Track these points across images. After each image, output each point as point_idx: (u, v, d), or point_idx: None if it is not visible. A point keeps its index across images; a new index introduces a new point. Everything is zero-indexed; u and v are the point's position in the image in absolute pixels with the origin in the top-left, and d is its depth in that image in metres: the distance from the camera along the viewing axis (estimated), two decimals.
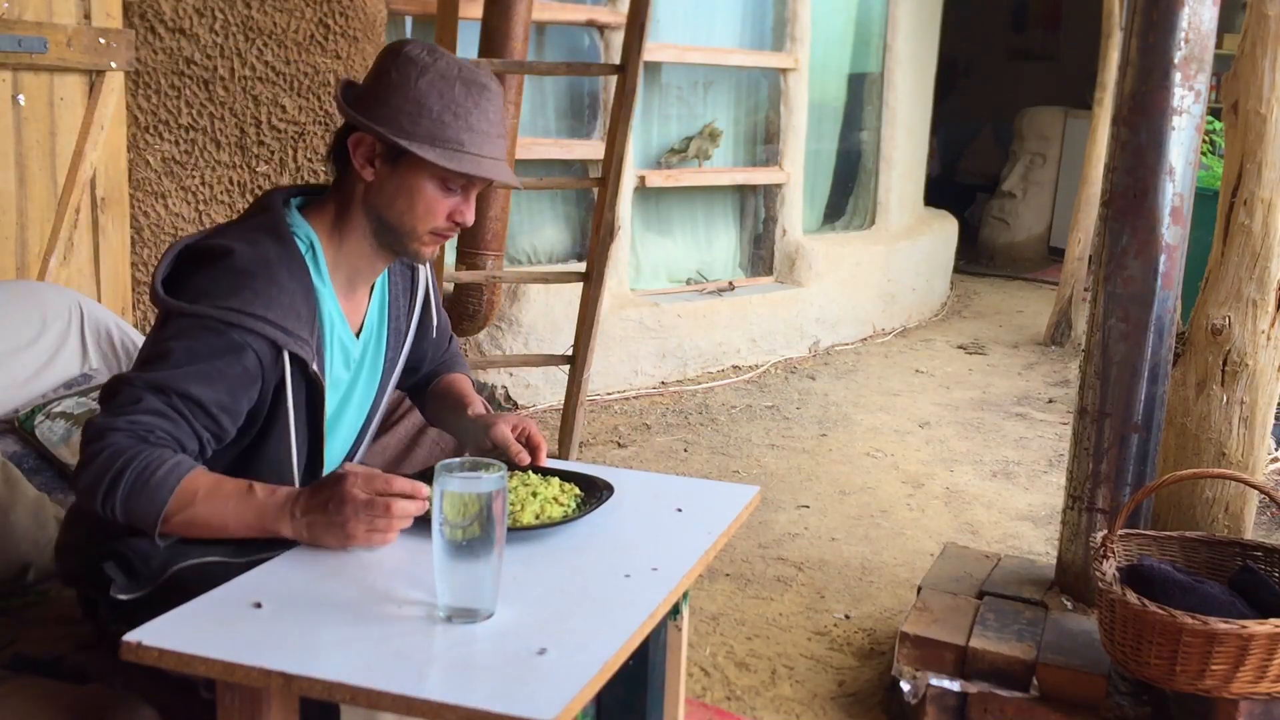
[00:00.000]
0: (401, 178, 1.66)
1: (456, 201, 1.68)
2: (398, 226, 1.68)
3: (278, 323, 1.57)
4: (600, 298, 3.91)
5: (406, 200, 1.66)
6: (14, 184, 3.02)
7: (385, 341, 1.84)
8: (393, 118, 1.63)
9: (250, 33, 3.60)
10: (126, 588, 1.57)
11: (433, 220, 1.68)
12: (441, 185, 1.66)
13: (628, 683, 1.79)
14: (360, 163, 1.67)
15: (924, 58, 6.80)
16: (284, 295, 1.59)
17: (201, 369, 1.53)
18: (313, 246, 1.70)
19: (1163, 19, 2.32)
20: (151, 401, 1.51)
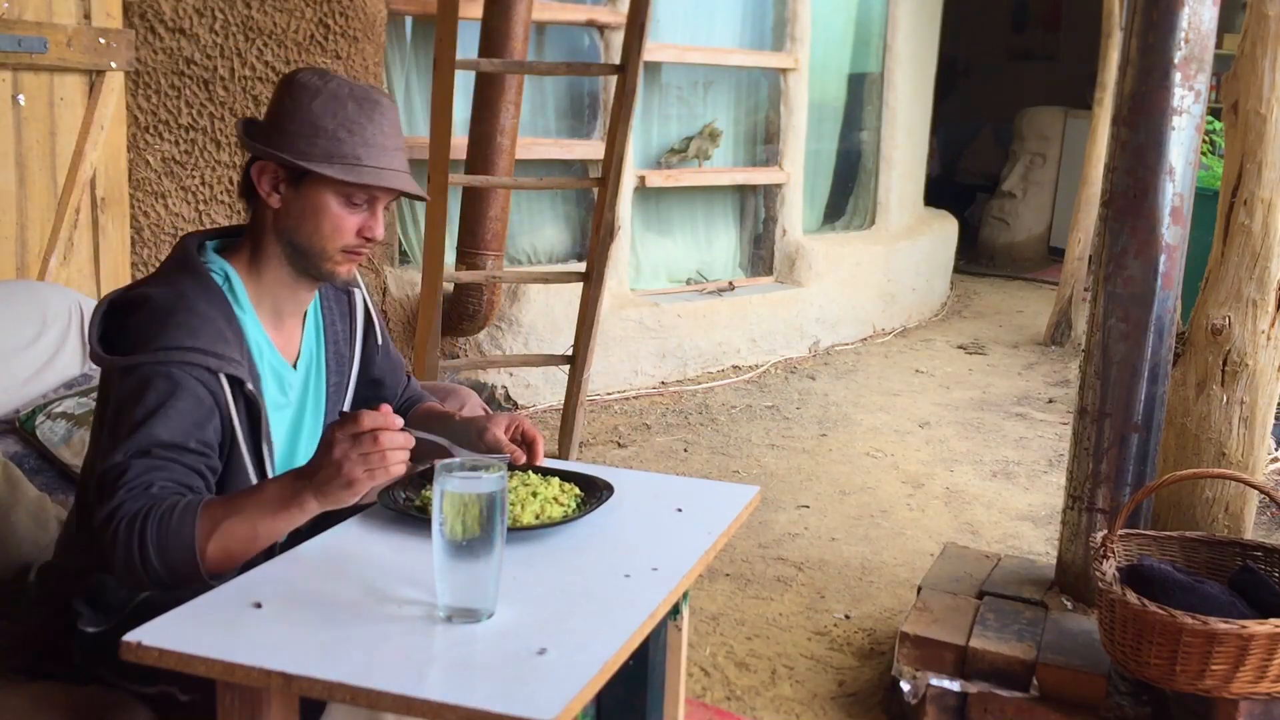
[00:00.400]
0: (305, 199, 1.67)
1: (363, 217, 1.69)
2: (309, 248, 1.69)
3: (206, 349, 1.58)
4: (600, 298, 3.91)
5: (313, 221, 1.67)
6: (14, 184, 3.02)
7: (326, 367, 1.85)
8: (290, 142, 1.65)
9: (250, 33, 3.60)
10: (94, 620, 1.60)
11: (341, 238, 1.68)
12: (345, 201, 1.67)
13: (628, 683, 1.79)
14: (266, 190, 1.68)
15: (924, 58, 6.80)
16: (206, 323, 1.61)
17: (163, 416, 1.54)
18: (228, 278, 1.70)
19: (1163, 19, 2.32)
20: (136, 465, 1.52)
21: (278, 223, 1.70)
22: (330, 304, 1.87)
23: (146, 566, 1.47)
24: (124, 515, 1.48)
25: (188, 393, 1.56)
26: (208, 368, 1.58)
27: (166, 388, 1.55)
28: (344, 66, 3.80)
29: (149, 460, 1.52)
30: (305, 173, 1.65)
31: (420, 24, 4.40)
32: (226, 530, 1.49)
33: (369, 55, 3.91)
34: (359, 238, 1.69)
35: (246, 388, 1.63)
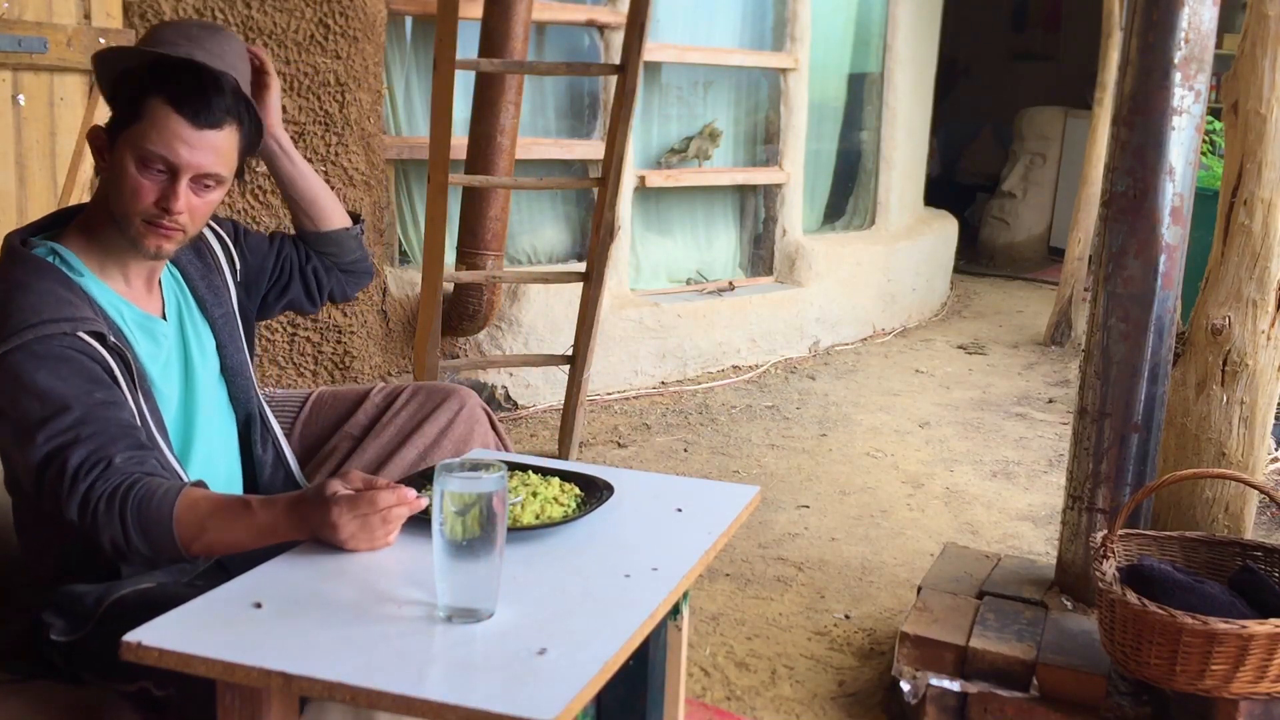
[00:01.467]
0: (114, 161, 1.65)
1: (163, 185, 1.64)
2: (116, 212, 1.66)
3: (53, 317, 1.56)
4: (600, 298, 3.91)
5: (117, 184, 1.64)
6: (14, 184, 3.02)
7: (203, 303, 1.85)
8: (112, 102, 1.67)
9: (250, 33, 3.60)
10: (65, 630, 1.60)
11: (139, 202, 1.63)
12: (140, 165, 1.62)
13: (628, 683, 1.79)
14: (95, 156, 1.69)
15: (924, 58, 6.80)
16: (43, 296, 1.58)
17: (57, 391, 1.52)
18: (55, 252, 1.68)
19: (1163, 19, 2.32)
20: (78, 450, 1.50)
21: (103, 188, 1.69)
22: (185, 263, 1.87)
23: (131, 546, 1.51)
24: (97, 499, 1.48)
25: (60, 360, 1.54)
26: (64, 332, 1.56)
27: (40, 365, 1.53)
28: (344, 66, 3.81)
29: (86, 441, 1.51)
30: (116, 137, 1.64)
31: (420, 24, 4.40)
32: (213, 539, 1.52)
33: (369, 55, 3.91)
34: (157, 208, 1.64)
35: (109, 340, 1.61)
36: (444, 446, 2.06)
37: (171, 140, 1.61)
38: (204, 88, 1.63)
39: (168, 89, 1.61)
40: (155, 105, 1.61)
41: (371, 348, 4.16)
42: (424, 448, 2.07)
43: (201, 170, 1.64)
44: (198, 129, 1.62)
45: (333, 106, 3.83)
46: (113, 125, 1.66)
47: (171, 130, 1.61)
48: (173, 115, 1.61)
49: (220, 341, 1.87)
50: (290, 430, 2.10)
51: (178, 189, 1.63)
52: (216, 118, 1.64)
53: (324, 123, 3.82)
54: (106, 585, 1.63)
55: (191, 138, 1.62)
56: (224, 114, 1.65)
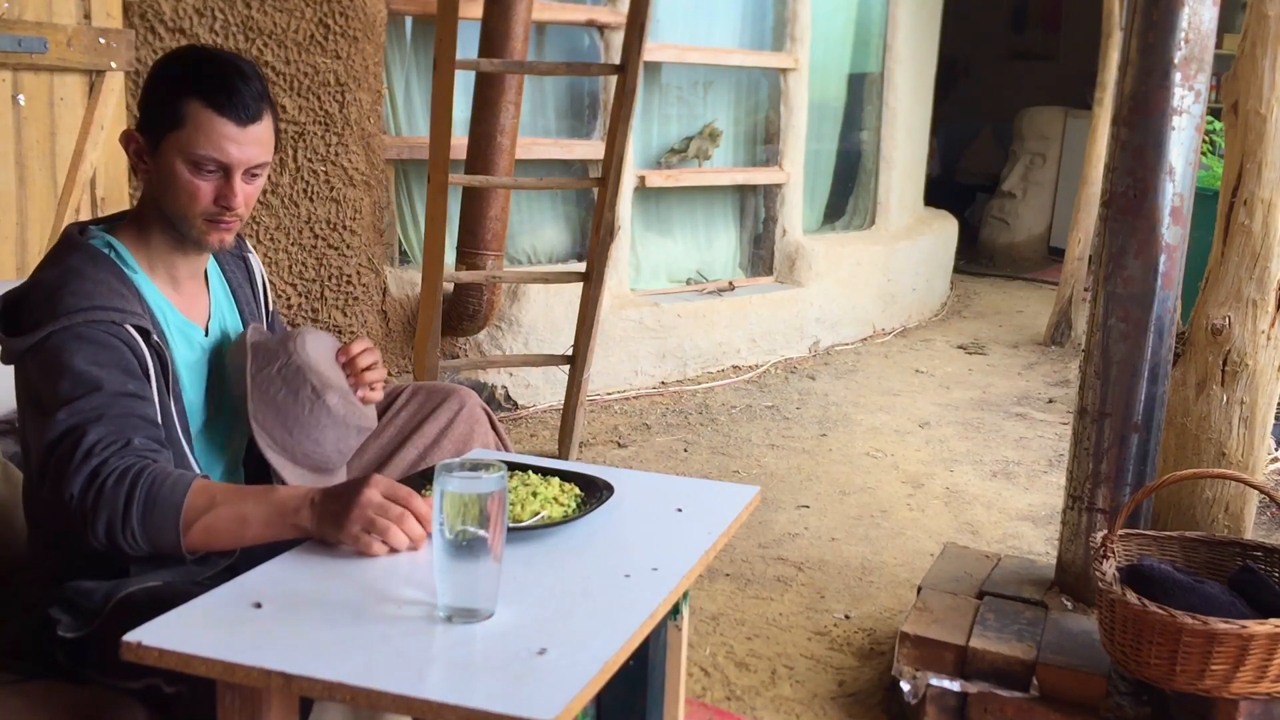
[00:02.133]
0: (160, 165, 1.68)
1: (218, 183, 1.67)
2: (173, 214, 1.69)
3: (105, 305, 1.60)
4: (600, 298, 3.91)
5: (171, 188, 1.68)
6: (14, 184, 3.02)
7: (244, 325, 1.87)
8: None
9: (250, 33, 3.60)
10: (73, 626, 1.61)
11: (198, 204, 1.67)
12: (194, 169, 1.66)
13: (628, 683, 1.79)
14: (133, 161, 1.71)
15: (924, 58, 6.80)
16: (99, 285, 1.62)
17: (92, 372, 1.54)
18: (111, 245, 1.71)
19: (1163, 19, 2.32)
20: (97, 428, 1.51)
21: (151, 191, 1.71)
22: (232, 269, 1.90)
23: (126, 526, 1.48)
24: (111, 471, 1.48)
25: (103, 346, 1.57)
26: (112, 320, 1.59)
27: (82, 347, 1.55)
28: (344, 66, 3.81)
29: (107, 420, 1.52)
30: (158, 142, 1.66)
31: (420, 24, 4.40)
32: (220, 514, 1.50)
33: (369, 55, 3.91)
34: (216, 205, 1.68)
35: (153, 338, 1.64)
36: (444, 446, 2.06)
37: (220, 141, 1.64)
38: (237, 85, 1.66)
39: (204, 91, 1.64)
40: (195, 109, 1.64)
41: None
42: (424, 448, 2.07)
43: (251, 163, 1.68)
44: (242, 126, 1.66)
45: (333, 106, 3.83)
46: (149, 129, 1.68)
47: (218, 132, 1.64)
48: (215, 117, 1.64)
49: None
50: None
51: (234, 185, 1.67)
52: (254, 110, 1.67)
53: (324, 123, 3.83)
54: (115, 583, 1.63)
55: (238, 135, 1.65)
56: (259, 104, 1.68)
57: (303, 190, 3.83)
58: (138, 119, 1.72)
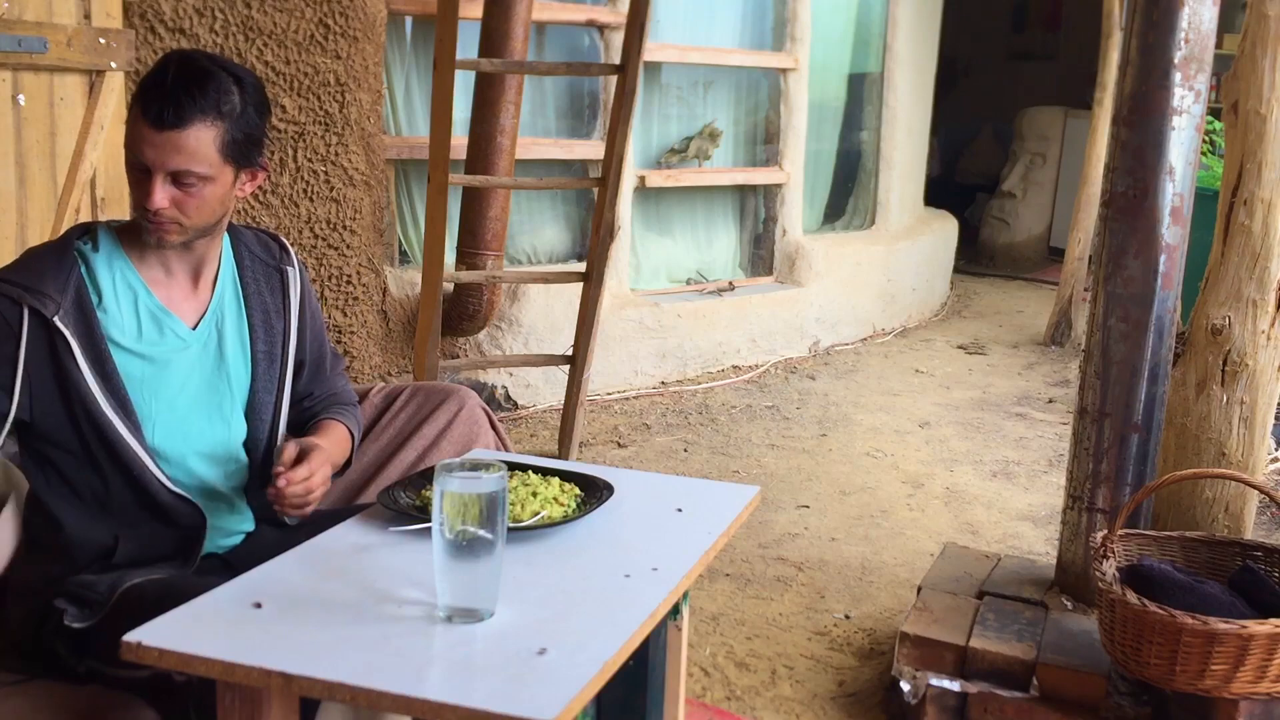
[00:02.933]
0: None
1: (144, 184, 1.69)
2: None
3: (15, 280, 1.64)
4: (600, 298, 3.91)
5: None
6: (14, 184, 3.02)
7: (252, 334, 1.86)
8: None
9: (250, 33, 3.60)
10: (80, 616, 1.63)
11: (135, 202, 1.71)
12: (129, 167, 1.69)
13: (628, 683, 1.79)
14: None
15: (924, 58, 6.80)
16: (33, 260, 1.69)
17: None
18: (91, 230, 1.76)
19: (1163, 19, 2.32)
20: None
21: None
22: (256, 276, 1.89)
23: None
24: None
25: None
26: (10, 297, 1.63)
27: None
28: (344, 66, 3.80)
29: None
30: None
31: (420, 24, 4.40)
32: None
33: (369, 55, 3.91)
34: (140, 208, 1.70)
35: (52, 322, 1.65)
36: (444, 447, 2.06)
37: (138, 142, 1.66)
38: (172, 91, 1.65)
39: (141, 91, 1.67)
40: (134, 112, 1.67)
41: (371, 348, 4.16)
42: (423, 448, 2.07)
43: (170, 168, 1.67)
44: (159, 130, 1.65)
45: (333, 106, 3.83)
46: None
47: (139, 133, 1.66)
48: (139, 118, 1.66)
49: (254, 376, 1.86)
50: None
51: (151, 187, 1.68)
52: (179, 116, 1.65)
53: (324, 123, 3.83)
54: (117, 574, 1.65)
55: (154, 138, 1.66)
56: (192, 112, 1.66)
57: (303, 190, 3.83)
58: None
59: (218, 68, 1.70)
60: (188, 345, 1.79)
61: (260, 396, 1.86)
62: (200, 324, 1.81)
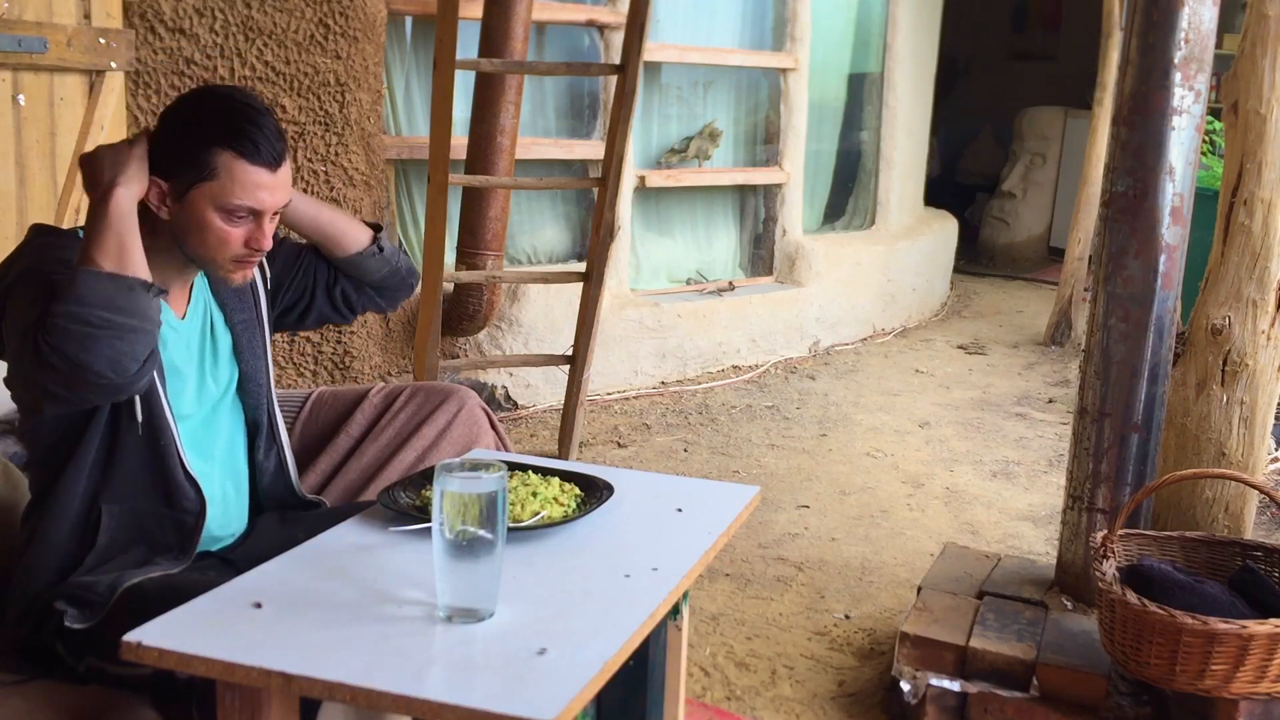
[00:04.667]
0: (188, 213, 1.69)
1: (249, 228, 1.70)
2: (199, 258, 1.72)
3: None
4: (600, 298, 3.91)
5: (199, 235, 1.70)
6: (14, 184, 3.02)
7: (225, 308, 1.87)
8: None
9: (250, 33, 3.60)
10: (80, 618, 1.63)
11: (228, 250, 1.70)
12: (227, 217, 1.68)
13: (628, 683, 1.79)
14: (155, 204, 1.70)
15: (924, 58, 6.80)
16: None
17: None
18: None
19: (1163, 19, 2.32)
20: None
21: (172, 228, 1.72)
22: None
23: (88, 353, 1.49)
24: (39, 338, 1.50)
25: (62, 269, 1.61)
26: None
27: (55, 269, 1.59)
28: (344, 66, 3.80)
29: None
30: (186, 191, 1.68)
31: (420, 24, 4.40)
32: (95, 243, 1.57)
33: (369, 55, 3.91)
34: (247, 249, 1.71)
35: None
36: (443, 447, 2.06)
37: (255, 191, 1.67)
38: (262, 128, 1.68)
39: (233, 141, 1.66)
40: (227, 160, 1.66)
41: (371, 348, 4.16)
42: (423, 449, 2.07)
43: (279, 205, 1.72)
44: (273, 171, 1.68)
45: (333, 106, 3.83)
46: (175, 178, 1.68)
47: (252, 181, 1.67)
48: (248, 167, 1.66)
49: (238, 347, 1.88)
50: (290, 430, 2.10)
51: (264, 228, 1.71)
52: (280, 151, 1.70)
53: (324, 123, 3.82)
54: (118, 574, 1.65)
55: (269, 181, 1.68)
56: (282, 143, 1.71)
57: (303, 190, 3.83)
58: (158, 165, 1.69)
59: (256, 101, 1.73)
60: (183, 334, 1.81)
61: (249, 363, 1.88)
62: (188, 312, 1.82)
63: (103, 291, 1.51)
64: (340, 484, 2.06)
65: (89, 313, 1.49)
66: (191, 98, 1.75)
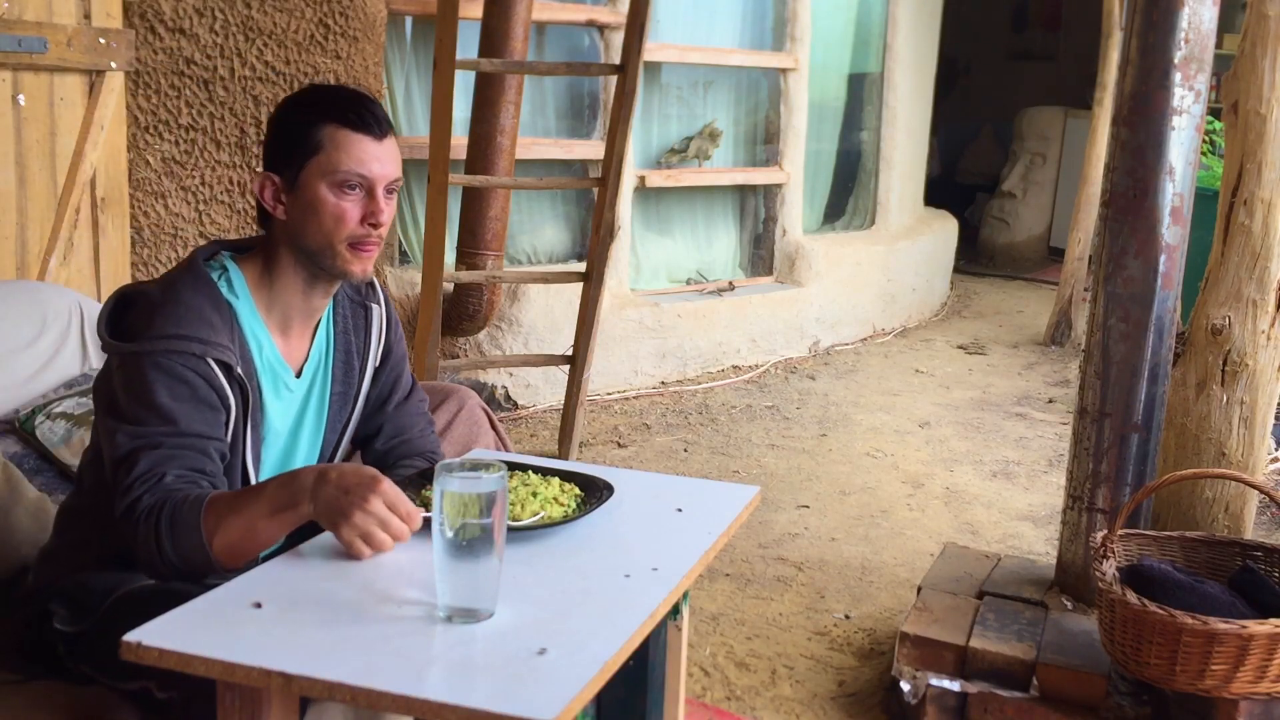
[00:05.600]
0: (301, 197, 1.68)
1: (363, 202, 1.69)
2: (315, 247, 1.70)
3: (191, 334, 1.61)
4: (600, 298, 3.91)
5: (315, 218, 1.68)
6: (14, 184, 3.02)
7: (331, 375, 1.84)
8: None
9: (250, 33, 3.60)
10: (71, 621, 1.62)
11: (345, 227, 1.68)
12: (340, 190, 1.67)
13: (628, 683, 1.79)
14: (271, 204, 1.70)
15: (924, 58, 6.80)
16: (190, 310, 1.63)
17: (163, 405, 1.57)
18: (226, 270, 1.73)
19: (1163, 19, 2.32)
20: (147, 457, 1.56)
21: (287, 232, 1.71)
22: (345, 315, 1.87)
23: (164, 559, 1.52)
24: (141, 510, 1.52)
25: (181, 381, 1.59)
26: (193, 353, 1.60)
27: (161, 378, 1.58)
28: (344, 66, 3.80)
29: (159, 452, 1.56)
30: (297, 175, 1.67)
31: (420, 24, 4.40)
32: (228, 526, 1.52)
33: (369, 55, 3.90)
34: (363, 226, 1.69)
35: (235, 371, 1.65)
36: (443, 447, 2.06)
37: (363, 157, 1.67)
38: (367, 104, 1.69)
39: (338, 114, 1.67)
40: (333, 131, 1.66)
41: None
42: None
43: (389, 177, 1.70)
44: (378, 140, 1.68)
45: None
46: (285, 164, 1.68)
47: (359, 148, 1.66)
48: (353, 135, 1.66)
49: (329, 418, 1.86)
50: None
51: (378, 200, 1.69)
52: (386, 125, 1.70)
53: None
54: (117, 579, 1.64)
55: (377, 150, 1.68)
56: (388, 122, 1.71)
57: None
58: (267, 162, 1.71)
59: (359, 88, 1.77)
60: (295, 396, 1.80)
61: (326, 438, 1.86)
62: (303, 371, 1.81)
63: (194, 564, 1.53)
64: None
65: (167, 564, 1.53)
66: (299, 92, 1.77)
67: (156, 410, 1.57)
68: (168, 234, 3.52)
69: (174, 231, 3.53)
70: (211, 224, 3.61)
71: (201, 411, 1.60)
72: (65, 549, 1.74)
